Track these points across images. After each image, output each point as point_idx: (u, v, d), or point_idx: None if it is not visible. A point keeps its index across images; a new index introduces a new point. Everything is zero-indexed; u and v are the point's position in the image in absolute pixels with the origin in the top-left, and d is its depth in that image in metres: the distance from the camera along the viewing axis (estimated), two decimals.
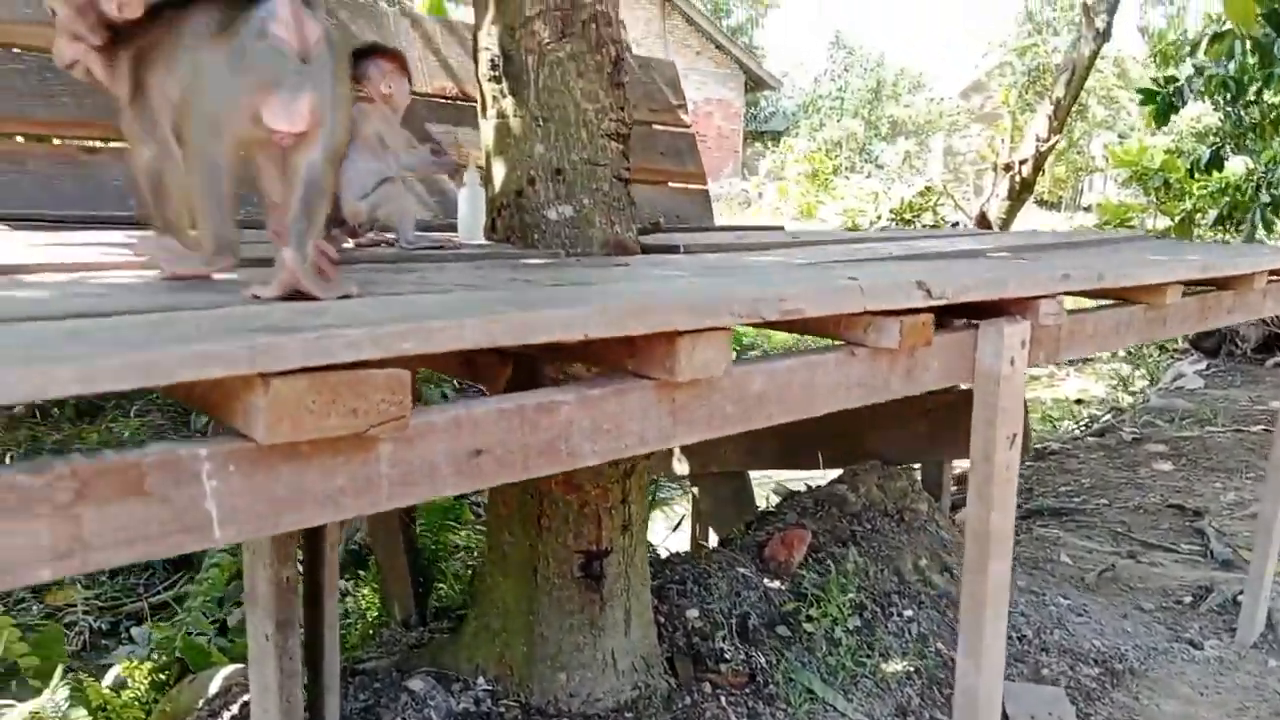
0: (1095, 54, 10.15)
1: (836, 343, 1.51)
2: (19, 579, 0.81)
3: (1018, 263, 2.04)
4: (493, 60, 2.21)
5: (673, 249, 2.38)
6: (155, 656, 3.10)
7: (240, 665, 2.80)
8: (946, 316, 1.64)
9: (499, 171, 2.27)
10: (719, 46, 21.72)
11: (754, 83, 23.29)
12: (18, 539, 0.80)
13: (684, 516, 4.47)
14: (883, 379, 1.52)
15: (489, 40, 2.22)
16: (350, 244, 2.08)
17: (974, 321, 1.70)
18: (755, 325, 1.34)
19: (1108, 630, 3.25)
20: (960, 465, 4.08)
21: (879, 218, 14.08)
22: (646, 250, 2.37)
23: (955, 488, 4.16)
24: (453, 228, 2.57)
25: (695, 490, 4.35)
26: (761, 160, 22.95)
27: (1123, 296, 2.09)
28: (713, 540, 4.33)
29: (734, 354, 1.30)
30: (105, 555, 0.84)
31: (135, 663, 3.06)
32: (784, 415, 1.40)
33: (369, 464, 0.99)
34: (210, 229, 1.22)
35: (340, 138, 1.22)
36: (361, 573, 3.74)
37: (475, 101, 3.65)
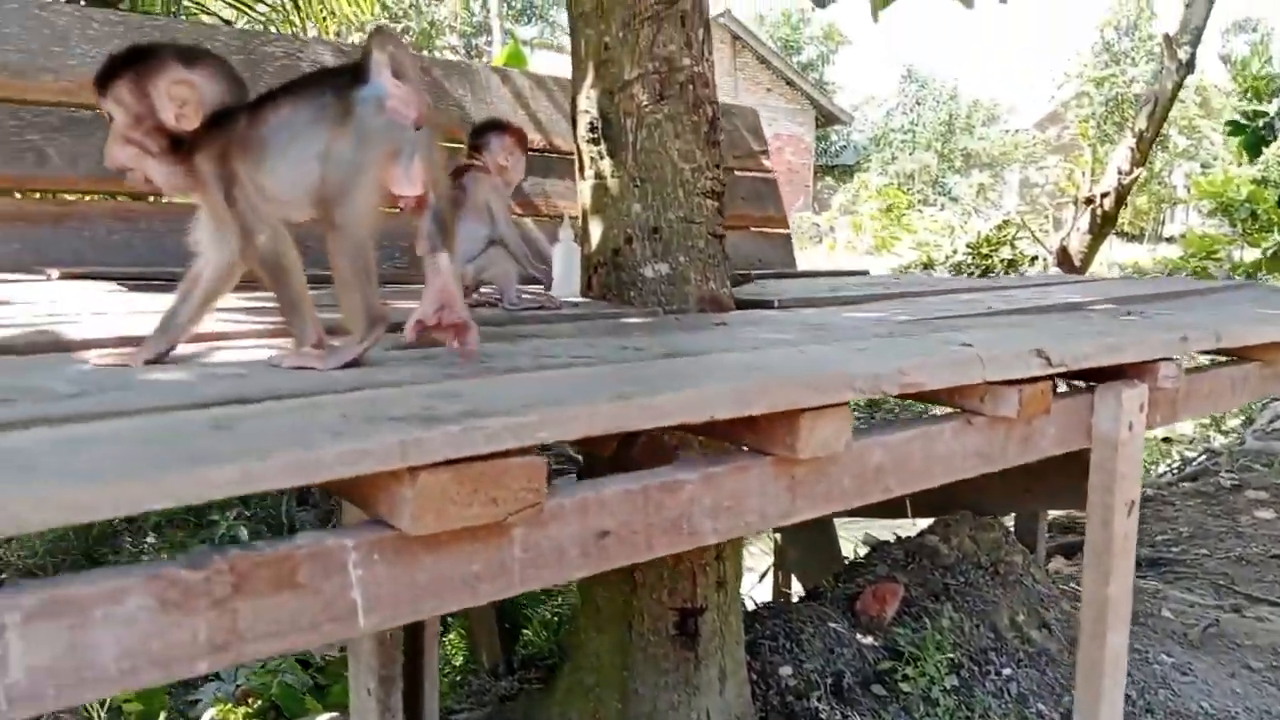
0: (1178, 86, 9.93)
1: (950, 409, 1.49)
2: (174, 673, 0.83)
3: (1130, 322, 1.99)
4: (591, 123, 2.24)
5: (767, 304, 2.38)
6: (250, 703, 3.16)
7: (336, 715, 2.84)
8: (1060, 378, 1.61)
9: (596, 230, 2.30)
10: (789, 82, 21.79)
11: (824, 118, 23.30)
12: (178, 633, 0.82)
13: (769, 567, 4.43)
14: (999, 447, 1.49)
15: (588, 104, 2.25)
16: None
17: (1089, 384, 1.67)
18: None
19: (1215, 691, 3.11)
20: (1054, 515, 3.98)
21: (954, 252, 13.87)
22: (740, 304, 2.37)
23: (1049, 538, 4.05)
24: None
25: (778, 538, 4.31)
26: (833, 195, 22.88)
27: (1238, 354, 2.03)
28: (795, 588, 4.28)
29: None
30: (258, 647, 0.86)
31: (229, 705, 3.11)
32: (901, 488, 1.38)
33: (503, 549, 1.00)
34: (362, 303, 1.26)
35: (444, 198, 1.29)
36: (448, 618, 3.77)
37: (562, 154, 3.72)
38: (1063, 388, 1.73)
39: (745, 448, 1.28)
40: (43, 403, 0.98)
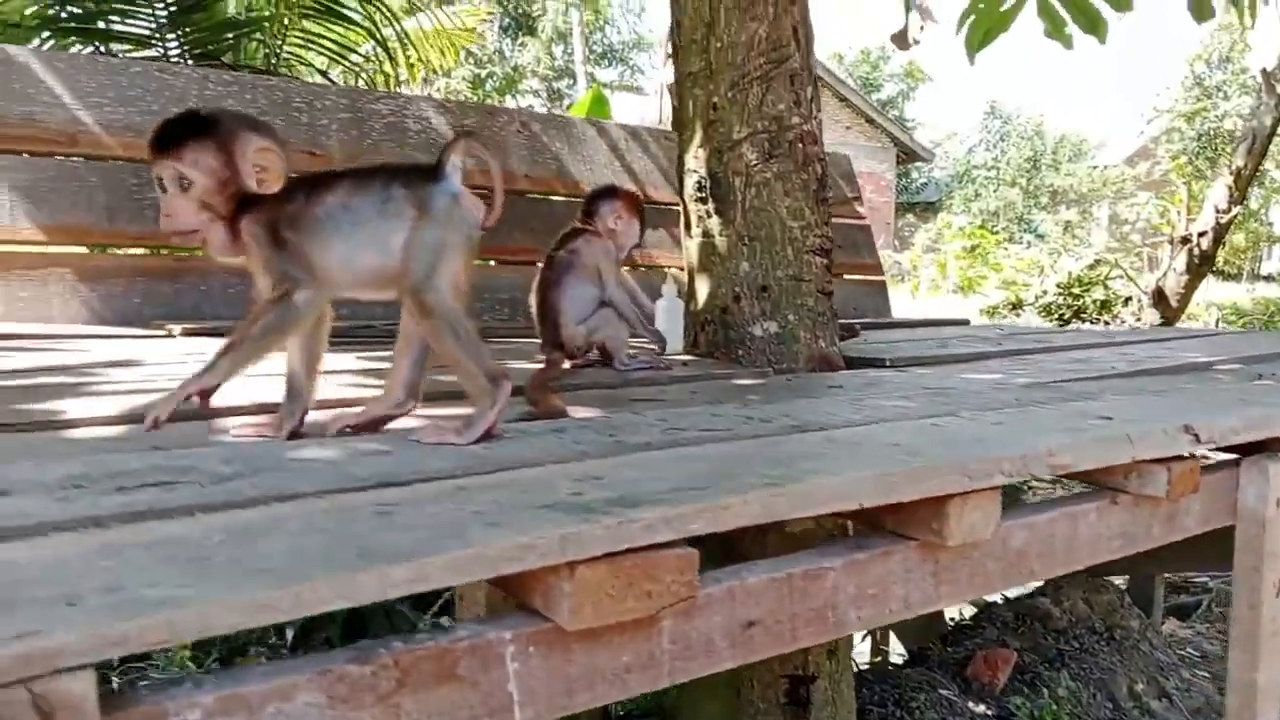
0: (1277, 121, 9.62)
1: (1093, 487, 1.44)
2: None
3: (1268, 388, 1.91)
4: (699, 182, 2.25)
5: (878, 362, 2.34)
6: None
7: None
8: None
9: (703, 288, 2.30)
10: (869, 120, 21.69)
11: (905, 154, 23.13)
12: None
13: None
14: (1144, 527, 1.43)
15: (695, 163, 2.26)
16: (567, 364, 2.13)
17: (1234, 457, 1.59)
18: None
19: None
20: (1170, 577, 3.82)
21: (1044, 292, 13.56)
22: (849, 362, 2.33)
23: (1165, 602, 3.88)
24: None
25: None
26: (915, 232, 22.63)
27: None
28: (894, 646, 4.17)
29: None
30: None
31: None
32: (1045, 572, 1.33)
33: (652, 640, 0.99)
34: (479, 369, 1.27)
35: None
36: None
37: (656, 204, 3.74)
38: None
39: (877, 528, 1.25)
40: (205, 486, 1.00)
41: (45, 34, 4.77)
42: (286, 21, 5.29)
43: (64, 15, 4.84)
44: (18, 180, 2.59)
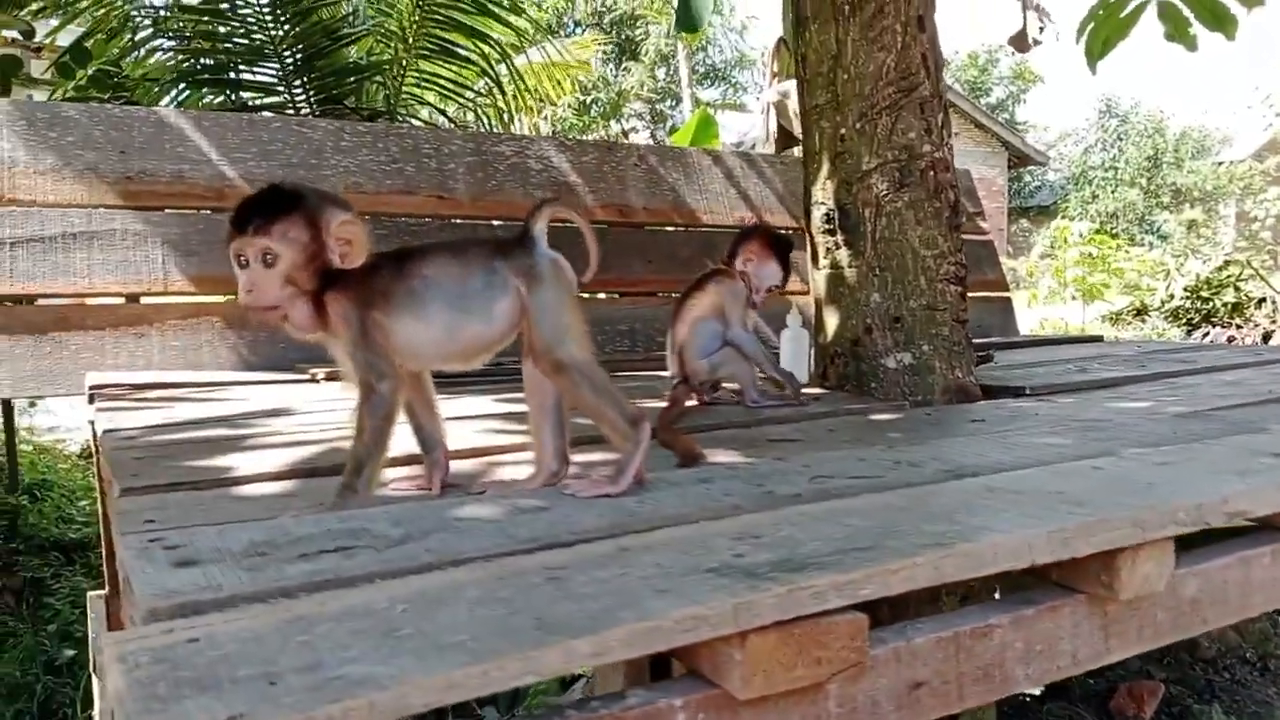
0: None
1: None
2: None
3: None
4: (827, 214, 2.23)
5: (1016, 390, 2.27)
6: None
7: None
8: None
9: (832, 320, 2.27)
10: (979, 125, 21.18)
11: (1017, 158, 22.49)
12: None
13: None
14: None
15: (823, 195, 2.24)
16: (693, 401, 2.13)
17: None
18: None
19: None
20: None
21: (1171, 296, 12.95)
22: (986, 391, 2.27)
23: None
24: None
25: None
26: (1029, 237, 21.96)
27: None
28: None
29: None
30: None
31: None
32: (1218, 620, 1.27)
33: (819, 705, 0.97)
34: (618, 413, 1.28)
35: None
36: None
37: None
38: None
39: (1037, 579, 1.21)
40: (380, 550, 1.03)
41: (182, 85, 5.05)
42: (405, 64, 5.47)
43: (199, 67, 5.12)
44: (170, 235, 2.74)
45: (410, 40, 5.41)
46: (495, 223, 3.29)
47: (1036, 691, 3.50)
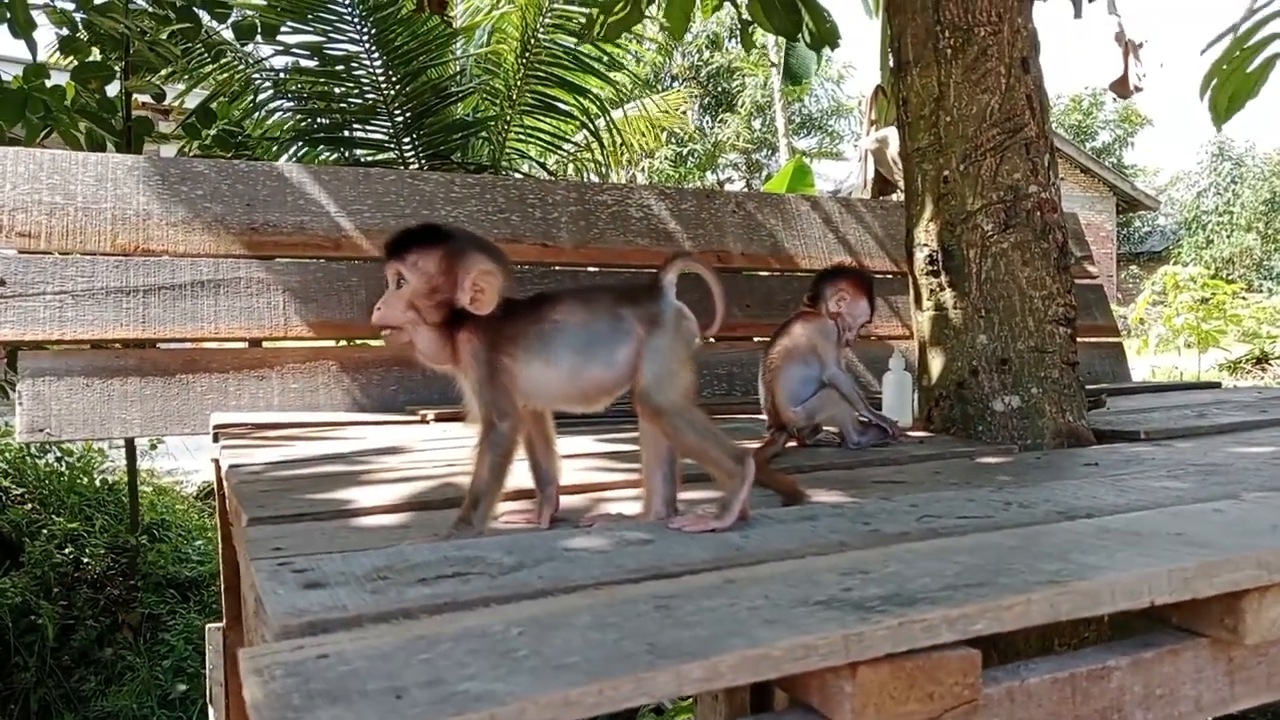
0: None
1: None
2: None
3: None
4: (931, 255, 2.22)
5: (1131, 435, 2.20)
6: None
7: None
8: None
9: (937, 362, 2.25)
10: (1084, 170, 20.71)
11: (1126, 203, 21.89)
12: None
13: None
14: None
15: (926, 237, 2.23)
16: (792, 443, 2.13)
17: None
18: None
19: None
20: None
21: None
22: (1099, 435, 2.21)
23: None
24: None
25: None
26: (1141, 284, 21.26)
27: None
28: None
29: None
30: None
31: None
32: None
33: None
34: (721, 451, 1.30)
35: None
36: None
37: (875, 274, 3.70)
38: None
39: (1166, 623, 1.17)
40: (494, 577, 1.06)
41: (299, 143, 5.32)
42: (509, 119, 5.66)
43: (315, 126, 5.38)
44: (290, 283, 2.88)
45: (514, 97, 5.60)
46: (593, 269, 3.36)
47: None
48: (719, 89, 23.94)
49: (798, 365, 2.11)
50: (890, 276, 3.83)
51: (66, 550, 4.64)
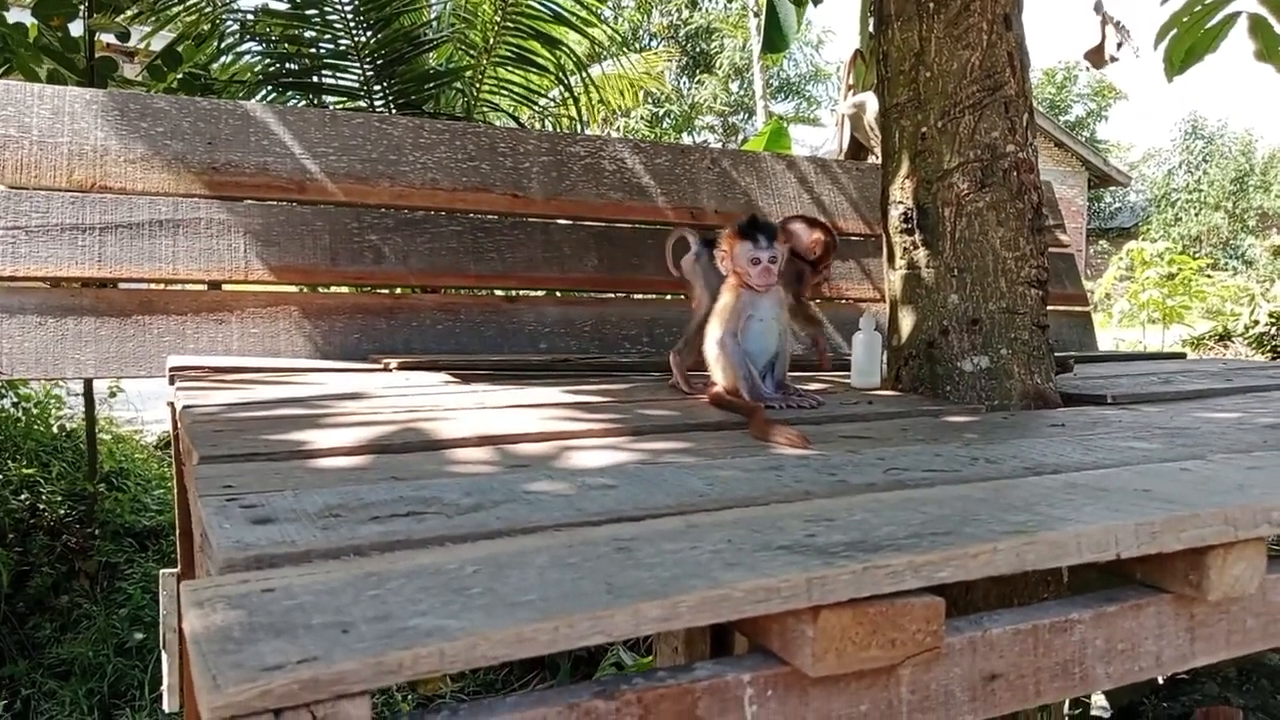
0: None
1: None
2: None
3: None
4: (905, 213, 2.19)
5: (1098, 399, 2.21)
6: None
7: None
8: None
9: (908, 322, 2.23)
10: (1058, 143, 20.78)
11: (1098, 178, 22.02)
12: None
13: None
14: None
15: (901, 194, 2.21)
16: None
17: None
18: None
19: None
20: None
21: (1255, 322, 12.54)
22: (1066, 398, 2.21)
23: None
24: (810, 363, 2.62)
25: None
26: (1110, 259, 21.46)
27: None
28: (1095, 700, 3.89)
29: None
30: None
31: None
32: None
33: (890, 690, 0.95)
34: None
35: None
36: None
37: (844, 235, 3.68)
38: None
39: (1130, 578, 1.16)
40: (451, 516, 1.03)
41: (267, 88, 5.19)
42: (483, 71, 5.55)
43: (284, 71, 5.25)
44: (252, 225, 2.81)
45: (490, 47, 5.49)
46: (564, 221, 3.30)
47: (1105, 714, 3.39)
48: (697, 50, 23.70)
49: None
50: (864, 238, 3.81)
51: (22, 496, 4.56)
